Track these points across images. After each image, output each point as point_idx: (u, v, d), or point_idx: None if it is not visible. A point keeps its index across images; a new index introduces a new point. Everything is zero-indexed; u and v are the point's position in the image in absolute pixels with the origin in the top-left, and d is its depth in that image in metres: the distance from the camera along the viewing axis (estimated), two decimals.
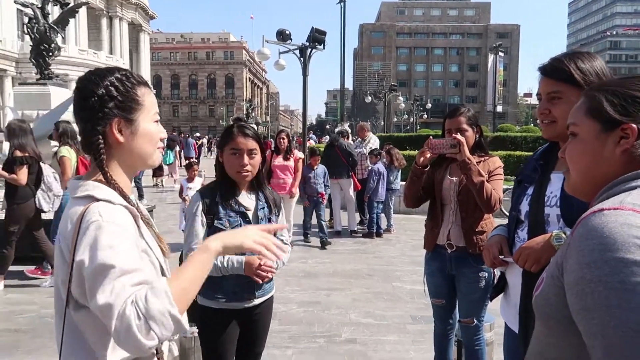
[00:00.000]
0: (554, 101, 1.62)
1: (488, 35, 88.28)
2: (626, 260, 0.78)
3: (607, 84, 1.04)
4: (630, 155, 0.95)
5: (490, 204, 2.57)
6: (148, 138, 1.24)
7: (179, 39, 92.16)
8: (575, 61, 1.59)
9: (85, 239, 1.06)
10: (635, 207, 0.84)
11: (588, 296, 0.81)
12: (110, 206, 1.12)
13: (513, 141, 14.40)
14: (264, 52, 14.64)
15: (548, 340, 0.98)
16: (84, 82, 1.19)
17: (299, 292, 5.25)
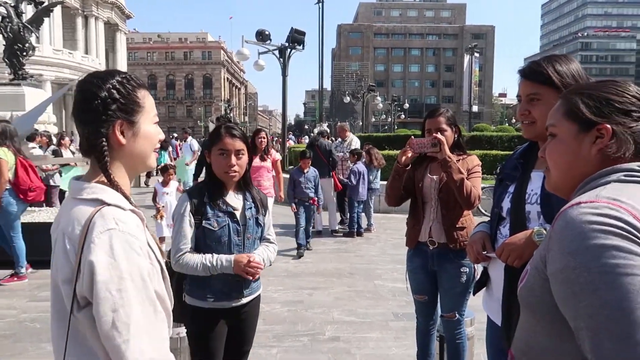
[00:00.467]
0: (533, 102, 1.69)
1: (464, 36, 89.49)
2: (606, 245, 0.85)
3: (583, 88, 1.11)
4: (605, 153, 1.02)
5: (470, 201, 2.66)
6: (148, 139, 1.26)
7: (156, 39, 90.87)
8: (553, 64, 1.67)
9: (101, 245, 1.07)
10: (609, 200, 0.91)
11: (574, 282, 0.87)
12: (122, 213, 1.14)
13: (489, 140, 14.65)
14: (244, 53, 14.61)
15: (533, 329, 1.04)
16: (85, 85, 1.20)
17: (282, 291, 5.28)
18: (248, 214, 2.29)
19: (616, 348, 0.81)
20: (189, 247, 2.19)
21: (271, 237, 2.44)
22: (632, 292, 0.82)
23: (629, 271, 0.83)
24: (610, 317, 0.82)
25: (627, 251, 0.84)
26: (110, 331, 1.04)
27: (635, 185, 0.95)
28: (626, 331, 0.81)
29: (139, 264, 1.10)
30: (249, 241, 2.30)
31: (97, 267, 1.05)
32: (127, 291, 1.05)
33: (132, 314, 1.05)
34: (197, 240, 2.22)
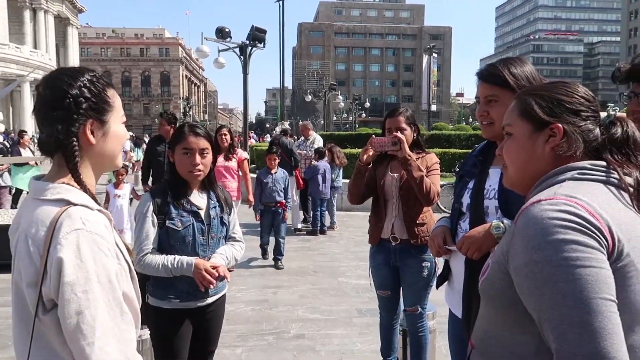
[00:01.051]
0: (491, 104, 1.77)
1: (422, 37, 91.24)
2: (566, 239, 0.90)
3: (536, 89, 1.17)
4: (557, 152, 1.08)
5: (429, 197, 2.73)
6: (117, 139, 1.24)
7: (110, 34, 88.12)
8: (508, 67, 1.75)
9: (68, 245, 1.04)
10: (567, 197, 0.96)
11: (537, 275, 0.92)
12: (90, 213, 1.11)
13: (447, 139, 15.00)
14: (203, 50, 14.37)
15: (493, 320, 1.09)
16: (54, 82, 1.16)
17: (245, 291, 5.25)
18: (212, 213, 2.27)
19: (574, 336, 0.86)
20: (151, 248, 2.15)
21: (237, 235, 2.43)
22: (590, 283, 0.87)
23: (587, 263, 0.88)
24: (571, 307, 0.87)
25: (585, 244, 0.89)
26: (75, 333, 1.02)
27: (589, 183, 1.01)
28: (586, 319, 0.86)
29: (106, 265, 1.07)
30: (214, 240, 2.28)
31: (64, 268, 1.03)
32: (93, 292, 1.03)
33: (97, 316, 1.03)
34: (161, 240, 2.18)
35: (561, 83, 1.15)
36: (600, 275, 0.88)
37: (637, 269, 0.93)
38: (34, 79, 42.43)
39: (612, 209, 0.96)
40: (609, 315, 0.86)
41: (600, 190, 1.00)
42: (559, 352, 0.88)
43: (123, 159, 1.29)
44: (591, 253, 0.89)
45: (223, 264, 2.22)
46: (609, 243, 0.92)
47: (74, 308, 1.02)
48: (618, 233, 0.93)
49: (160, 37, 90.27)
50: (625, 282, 0.92)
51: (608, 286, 0.88)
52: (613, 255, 0.92)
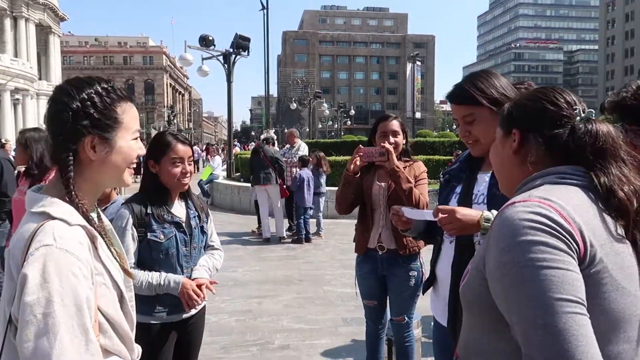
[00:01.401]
0: (471, 124, 1.75)
1: (406, 45, 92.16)
2: (534, 241, 0.88)
3: (517, 97, 1.20)
4: (520, 156, 1.09)
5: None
6: (122, 157, 1.16)
7: (93, 43, 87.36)
8: (474, 83, 1.74)
9: (33, 261, 0.97)
10: (540, 199, 0.95)
11: (505, 277, 0.90)
12: (66, 227, 1.04)
13: (432, 146, 15.12)
14: (187, 58, 14.30)
15: (472, 327, 1.07)
16: (58, 93, 1.11)
17: (229, 301, 5.17)
18: (193, 223, 2.22)
19: (539, 339, 0.84)
20: (132, 263, 2.08)
21: (215, 244, 2.39)
22: (555, 284, 0.85)
23: (553, 264, 0.87)
24: (535, 308, 0.85)
25: (553, 246, 0.88)
26: (31, 355, 0.92)
27: (566, 187, 0.99)
28: (549, 321, 0.84)
29: (74, 286, 0.98)
30: (196, 251, 2.23)
31: (26, 286, 0.95)
32: (54, 316, 0.93)
33: (56, 343, 0.92)
34: (141, 254, 2.11)
35: (539, 89, 1.15)
36: (566, 276, 0.86)
37: (611, 276, 0.91)
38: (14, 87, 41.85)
39: (586, 213, 0.95)
40: (574, 316, 0.84)
41: (576, 194, 0.98)
42: (526, 357, 0.86)
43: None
44: (558, 255, 0.87)
45: (207, 278, 2.17)
46: (580, 247, 0.90)
47: (32, 331, 0.93)
48: (591, 238, 0.91)
49: (144, 45, 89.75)
50: (599, 288, 0.90)
51: (574, 288, 0.86)
52: (585, 261, 0.90)
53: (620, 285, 0.91)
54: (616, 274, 0.91)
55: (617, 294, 0.91)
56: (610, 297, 0.90)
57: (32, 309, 0.93)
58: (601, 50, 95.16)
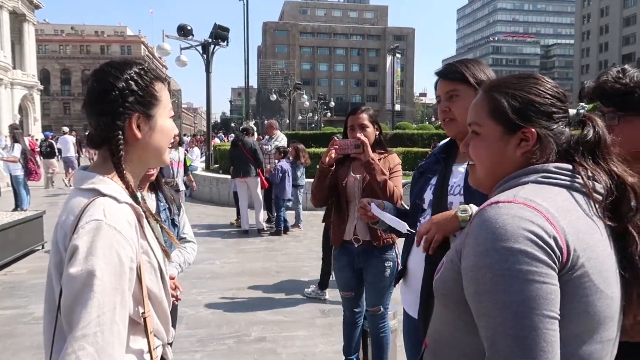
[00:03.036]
0: (453, 99, 1.78)
1: (386, 38, 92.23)
2: (513, 249, 0.87)
3: (507, 85, 1.08)
4: (528, 156, 1.03)
5: (392, 201, 2.70)
6: (164, 134, 1.21)
7: (69, 31, 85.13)
8: (465, 64, 1.81)
9: (83, 234, 1.01)
10: (526, 200, 0.93)
11: (479, 281, 0.89)
12: (115, 205, 1.08)
13: (410, 138, 15.20)
14: (165, 48, 14.05)
15: (444, 319, 1.07)
16: (102, 74, 1.15)
17: (206, 294, 5.13)
18: (163, 215, 2.19)
19: (505, 349, 0.84)
20: None
21: (187, 236, 2.35)
22: (530, 298, 0.85)
23: (530, 277, 0.85)
24: (507, 319, 0.85)
25: (532, 257, 0.86)
26: (66, 325, 0.98)
27: (551, 187, 0.98)
28: (520, 334, 0.84)
29: (116, 266, 1.01)
30: (166, 245, 2.19)
31: (74, 257, 0.99)
32: (91, 290, 0.97)
33: (84, 315, 0.96)
34: None
35: (532, 80, 1.08)
36: (542, 290, 0.85)
37: (592, 280, 0.90)
38: None
39: (570, 216, 0.93)
40: (545, 332, 0.84)
41: (561, 196, 0.96)
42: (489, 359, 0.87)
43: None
44: (536, 266, 0.86)
45: (175, 274, 2.14)
46: (563, 252, 0.88)
47: (70, 300, 0.98)
48: (574, 242, 0.90)
49: (122, 34, 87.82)
50: (579, 292, 0.90)
51: (549, 302, 0.85)
52: (567, 266, 0.89)
53: (598, 289, 0.91)
54: (596, 278, 0.91)
55: (594, 298, 0.91)
56: (589, 301, 0.90)
57: (75, 279, 0.98)
58: (577, 44, 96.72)
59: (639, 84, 1.40)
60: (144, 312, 1.11)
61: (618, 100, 1.41)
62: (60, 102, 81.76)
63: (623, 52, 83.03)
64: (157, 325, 1.18)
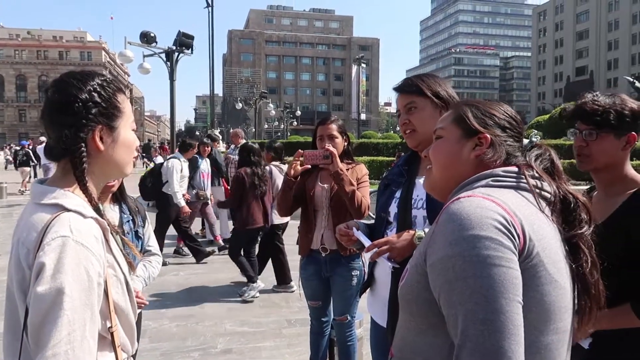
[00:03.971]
0: (411, 111, 1.85)
1: (351, 47, 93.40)
2: (480, 236, 0.91)
3: (472, 102, 1.23)
4: (481, 159, 1.13)
5: (360, 211, 2.74)
6: (127, 146, 1.20)
7: (25, 36, 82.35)
8: (421, 78, 1.90)
9: (50, 251, 0.99)
10: (484, 194, 1.00)
11: (450, 270, 0.93)
12: (81, 220, 1.06)
13: (376, 147, 15.42)
14: (127, 55, 13.74)
15: (408, 325, 1.09)
16: (63, 85, 1.13)
17: (170, 306, 5.02)
18: (126, 227, 2.14)
19: (476, 333, 0.87)
20: None
21: (152, 248, 2.30)
22: (498, 282, 0.89)
23: (497, 262, 0.90)
24: (477, 303, 0.89)
25: (498, 243, 0.91)
26: (34, 343, 0.96)
27: (500, 189, 1.05)
28: (489, 317, 0.87)
29: (84, 282, 1.00)
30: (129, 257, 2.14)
31: (41, 275, 0.97)
32: (60, 308, 0.96)
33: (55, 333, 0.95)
34: None
35: (497, 102, 1.23)
36: (507, 275, 0.89)
37: (547, 270, 0.95)
38: None
39: (524, 210, 0.99)
40: (512, 316, 0.87)
41: (511, 195, 1.03)
42: (459, 347, 0.89)
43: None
44: (502, 252, 0.91)
45: (140, 289, 2.10)
46: (521, 241, 0.94)
47: (39, 319, 0.96)
48: (530, 232, 0.95)
49: (82, 40, 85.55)
50: (534, 281, 0.94)
51: (514, 287, 0.89)
52: (523, 254, 0.94)
53: (553, 278, 0.96)
54: (550, 267, 0.96)
55: (550, 287, 0.95)
56: (544, 290, 0.94)
57: (44, 298, 0.96)
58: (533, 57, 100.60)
59: (613, 106, 1.60)
60: (111, 326, 1.10)
61: (596, 119, 1.61)
62: (15, 108, 78.94)
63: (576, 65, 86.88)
64: (124, 339, 1.17)
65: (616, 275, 1.46)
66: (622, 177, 1.64)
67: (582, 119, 1.66)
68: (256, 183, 5.17)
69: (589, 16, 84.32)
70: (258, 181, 5.14)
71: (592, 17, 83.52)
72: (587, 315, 1.06)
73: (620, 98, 1.63)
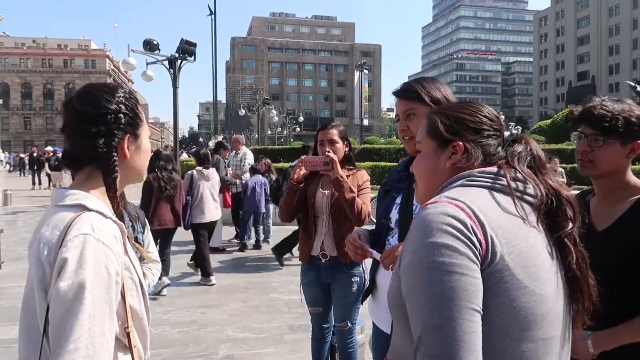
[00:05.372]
0: (410, 118, 1.84)
1: (354, 54, 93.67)
2: (437, 243, 0.92)
3: (443, 109, 1.21)
4: (458, 167, 1.12)
5: (360, 218, 2.74)
6: (146, 152, 1.28)
7: (30, 44, 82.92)
8: (421, 83, 1.86)
9: (73, 248, 1.03)
10: (449, 199, 0.99)
11: (410, 278, 0.94)
12: (102, 219, 1.11)
13: (378, 152, 15.43)
14: (130, 62, 13.84)
15: (397, 329, 1.09)
16: (93, 97, 1.19)
17: (172, 312, 5.03)
18: None
19: (427, 339, 0.88)
20: None
21: (152, 255, 2.30)
22: (451, 289, 0.89)
23: (451, 269, 0.90)
24: (430, 309, 0.89)
25: (454, 250, 0.91)
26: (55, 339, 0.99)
27: (475, 189, 1.04)
28: (440, 324, 0.88)
29: (104, 279, 1.04)
30: None
31: (64, 270, 1.01)
32: (82, 303, 0.99)
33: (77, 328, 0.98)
34: None
35: (467, 103, 1.19)
36: (461, 282, 0.89)
37: (513, 274, 0.93)
38: None
39: (492, 212, 0.98)
40: (463, 322, 0.87)
41: (482, 195, 1.02)
42: (415, 352, 0.90)
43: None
44: (457, 259, 0.90)
45: None
46: (482, 245, 0.93)
47: (60, 314, 0.99)
48: (494, 236, 0.94)
49: (86, 48, 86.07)
50: (500, 286, 0.92)
51: (468, 294, 0.89)
52: (487, 258, 0.93)
53: (522, 284, 0.94)
54: (518, 272, 0.94)
55: (518, 293, 0.93)
56: (512, 296, 0.93)
57: (66, 292, 0.99)
58: (535, 62, 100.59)
59: (622, 113, 1.57)
60: (127, 326, 1.13)
61: (604, 125, 1.57)
62: (20, 116, 79.32)
63: (578, 69, 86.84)
64: (137, 343, 1.19)
65: (618, 282, 1.46)
66: (623, 184, 1.62)
67: (588, 123, 1.62)
68: (162, 186, 5.42)
69: (589, 21, 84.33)
70: (164, 184, 5.41)
71: (592, 22, 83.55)
72: (580, 311, 1.06)
73: (627, 104, 1.60)
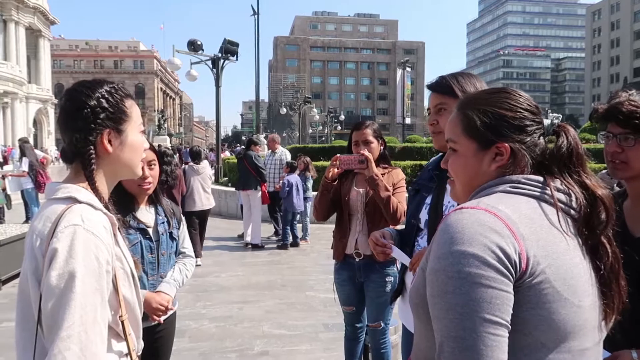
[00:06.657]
0: (441, 112, 1.78)
1: (396, 51, 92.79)
2: (466, 253, 0.88)
3: (478, 103, 1.09)
4: (503, 170, 1.05)
5: (396, 217, 2.70)
6: (135, 148, 1.28)
7: (83, 46, 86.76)
8: (455, 77, 1.79)
9: (63, 238, 1.06)
10: (488, 207, 0.94)
11: (434, 284, 0.91)
12: (92, 211, 1.14)
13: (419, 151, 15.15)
14: (175, 62, 14.25)
15: (419, 331, 1.06)
16: (74, 94, 1.22)
17: (210, 307, 5.13)
18: (161, 229, 2.20)
19: (448, 349, 0.86)
20: None
21: (186, 250, 2.36)
22: (474, 300, 0.86)
23: (477, 280, 0.86)
24: (452, 320, 0.87)
25: (483, 261, 0.87)
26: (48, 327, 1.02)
27: (518, 196, 0.98)
28: (460, 335, 0.85)
29: (94, 268, 1.06)
30: (164, 257, 2.20)
31: (54, 260, 1.04)
32: (73, 291, 1.02)
33: (67, 316, 1.00)
34: None
35: (504, 94, 1.08)
36: (486, 294, 0.86)
37: (554, 287, 0.90)
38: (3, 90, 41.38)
39: (533, 224, 0.93)
40: (485, 335, 0.85)
41: (527, 205, 0.97)
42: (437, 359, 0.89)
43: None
44: (485, 270, 0.87)
45: (173, 295, 2.17)
46: (522, 258, 0.89)
47: (52, 302, 1.01)
48: (534, 249, 0.90)
49: (135, 49, 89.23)
50: (540, 298, 0.90)
51: (493, 306, 0.86)
52: (527, 271, 0.89)
53: (562, 296, 0.91)
54: (559, 285, 0.91)
55: (558, 305, 0.91)
56: (552, 308, 0.90)
57: (57, 282, 1.02)
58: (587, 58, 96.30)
59: None
60: (121, 315, 1.16)
61: (634, 122, 1.44)
62: None
63: (634, 65, 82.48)
64: (132, 331, 1.21)
65: None
66: None
67: (616, 121, 1.48)
68: (163, 179, 5.69)
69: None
70: (165, 177, 5.74)
71: None
72: (611, 311, 1.01)
73: None
